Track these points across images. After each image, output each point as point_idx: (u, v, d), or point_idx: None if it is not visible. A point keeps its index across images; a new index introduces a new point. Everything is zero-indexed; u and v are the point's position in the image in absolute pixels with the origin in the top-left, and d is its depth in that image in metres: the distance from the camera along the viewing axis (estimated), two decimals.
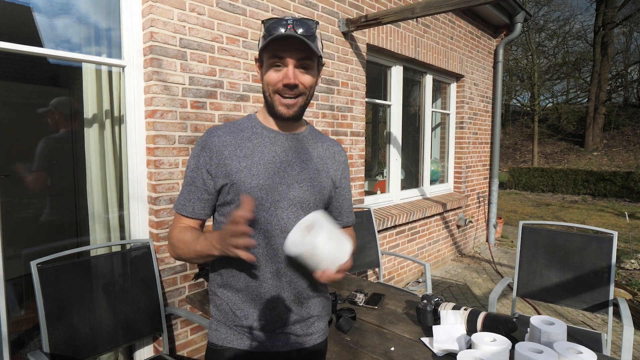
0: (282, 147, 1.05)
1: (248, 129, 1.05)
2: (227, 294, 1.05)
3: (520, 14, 5.07)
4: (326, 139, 1.17)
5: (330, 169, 1.12)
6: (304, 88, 0.99)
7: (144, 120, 2.10)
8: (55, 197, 3.51)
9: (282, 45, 0.94)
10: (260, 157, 1.01)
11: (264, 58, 0.99)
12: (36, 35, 3.06)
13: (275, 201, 1.00)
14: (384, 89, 3.98)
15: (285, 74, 0.96)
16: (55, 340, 1.62)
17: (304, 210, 1.04)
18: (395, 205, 4.05)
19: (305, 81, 0.98)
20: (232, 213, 0.93)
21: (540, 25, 19.31)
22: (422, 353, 1.39)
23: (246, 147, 1.02)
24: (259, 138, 1.04)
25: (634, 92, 19.37)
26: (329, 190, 1.11)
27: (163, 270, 2.10)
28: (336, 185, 1.15)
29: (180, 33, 2.11)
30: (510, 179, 13.37)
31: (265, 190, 0.99)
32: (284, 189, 1.01)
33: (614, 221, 7.69)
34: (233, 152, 1.01)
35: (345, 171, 1.19)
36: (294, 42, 0.94)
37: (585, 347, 1.19)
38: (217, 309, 1.08)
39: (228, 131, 1.04)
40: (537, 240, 2.40)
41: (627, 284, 3.78)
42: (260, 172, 1.00)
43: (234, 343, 1.04)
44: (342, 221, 1.21)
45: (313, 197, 1.05)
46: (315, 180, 1.07)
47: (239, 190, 0.99)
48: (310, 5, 2.84)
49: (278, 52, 0.95)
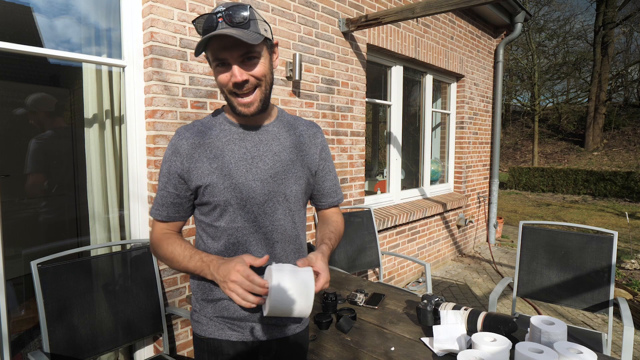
0: (252, 142, 1.03)
1: (216, 126, 1.04)
2: (207, 285, 1.05)
3: (520, 13, 5.07)
4: (300, 122, 1.14)
5: (305, 156, 1.09)
6: (256, 80, 0.95)
7: (144, 120, 2.10)
8: (56, 197, 3.51)
9: (218, 43, 0.90)
10: (231, 156, 1.00)
11: (210, 58, 0.96)
12: (36, 35, 3.06)
13: (250, 198, 1.00)
14: (384, 89, 3.98)
15: (232, 73, 0.92)
16: (56, 340, 1.62)
17: (280, 204, 1.04)
18: (396, 205, 4.05)
19: (255, 72, 0.94)
20: (211, 218, 1.00)
21: (540, 25, 19.30)
22: (422, 353, 1.39)
23: (216, 147, 1.00)
24: (227, 135, 1.02)
25: (634, 92, 19.37)
26: (306, 180, 1.09)
27: (163, 270, 2.10)
28: (314, 170, 1.12)
29: (181, 33, 2.11)
30: (510, 179, 13.36)
31: (239, 189, 0.99)
32: (257, 185, 1.00)
33: (614, 221, 7.68)
34: (203, 154, 0.99)
35: (323, 152, 1.15)
36: (228, 39, 0.89)
37: (585, 347, 1.18)
38: (196, 302, 1.09)
39: (196, 132, 1.02)
40: (537, 240, 2.40)
41: (628, 284, 3.78)
42: (232, 171, 0.99)
43: (216, 334, 1.05)
44: (326, 201, 1.20)
45: (288, 190, 1.05)
46: (290, 171, 1.05)
47: (213, 191, 0.98)
48: (310, 5, 2.84)
49: (217, 53, 0.92)
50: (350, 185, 3.31)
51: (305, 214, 1.15)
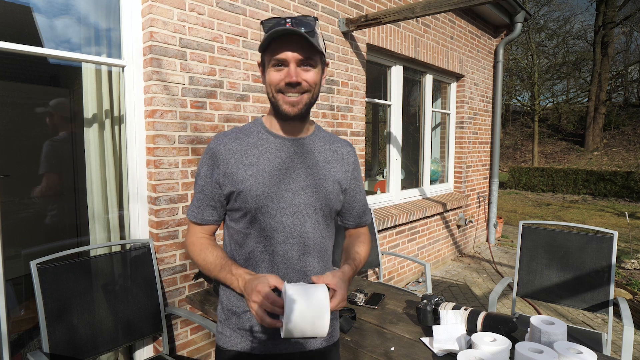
0: (287, 153, 1.04)
1: (254, 134, 1.05)
2: (231, 298, 1.06)
3: (520, 13, 5.07)
4: (335, 139, 1.16)
5: (337, 172, 1.10)
6: (308, 85, 0.97)
7: (143, 120, 2.09)
8: (56, 197, 3.51)
9: (283, 43, 0.93)
10: (266, 165, 1.01)
11: (265, 60, 0.99)
12: (36, 35, 3.06)
13: (280, 208, 1.01)
14: (384, 88, 3.98)
15: (287, 73, 0.95)
16: (55, 340, 1.62)
17: (309, 216, 1.04)
18: (396, 205, 4.05)
19: (308, 78, 0.97)
20: (241, 227, 1.02)
21: (540, 25, 19.30)
22: (422, 353, 1.39)
23: (252, 154, 1.02)
24: (264, 144, 1.04)
25: (634, 92, 19.37)
26: (336, 195, 1.09)
27: (163, 270, 2.10)
28: (344, 188, 1.13)
29: (180, 33, 2.11)
30: (510, 179, 13.37)
31: (271, 198, 1.00)
32: (289, 196, 1.01)
33: (614, 221, 7.68)
34: (239, 160, 1.01)
35: (355, 172, 1.17)
36: (294, 40, 0.93)
37: (585, 347, 1.18)
38: (222, 311, 1.10)
39: (234, 137, 1.04)
40: (537, 240, 2.40)
41: (628, 284, 3.77)
42: (266, 180, 1.00)
43: (238, 346, 1.05)
44: (353, 221, 1.21)
45: (319, 203, 1.05)
46: (321, 186, 1.06)
47: (245, 198, 1.00)
48: (310, 5, 2.84)
49: (279, 51, 0.94)
50: None
51: (333, 229, 1.15)
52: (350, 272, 1.03)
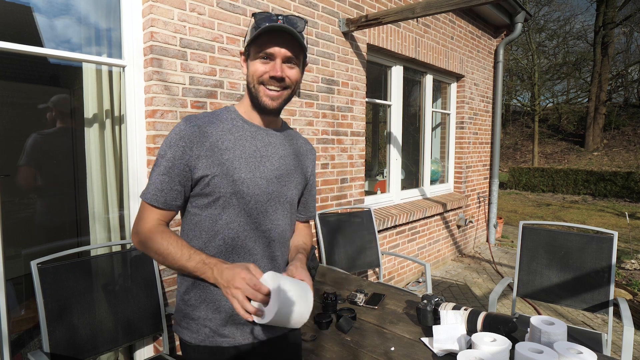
0: (262, 142, 1.06)
1: (228, 121, 1.04)
2: (204, 286, 1.01)
3: (520, 14, 5.07)
4: (299, 136, 1.22)
5: (303, 166, 1.17)
6: (290, 82, 1.01)
7: (144, 120, 2.10)
8: (56, 196, 3.51)
9: (273, 38, 0.96)
10: (242, 151, 1.01)
11: (252, 51, 1.00)
12: (36, 35, 3.06)
13: (255, 195, 1.02)
14: (384, 89, 3.98)
15: (272, 67, 0.97)
16: (56, 340, 1.62)
17: (281, 204, 1.07)
18: (396, 205, 4.05)
19: (291, 75, 1.00)
20: (209, 209, 1.00)
21: (540, 25, 19.30)
22: (422, 353, 1.39)
23: (227, 139, 1.01)
24: (240, 131, 1.04)
25: (634, 92, 19.38)
26: (302, 187, 1.16)
27: (163, 270, 2.11)
28: (308, 181, 1.21)
29: (181, 33, 2.11)
30: (510, 179, 13.37)
31: (247, 184, 1.00)
32: (263, 184, 1.03)
33: (614, 221, 7.68)
34: (215, 144, 0.99)
35: (314, 168, 1.25)
36: (284, 37, 0.96)
37: (585, 347, 1.18)
38: (185, 303, 1.04)
39: (207, 122, 1.01)
40: (537, 240, 2.40)
41: (628, 284, 3.78)
42: (242, 166, 1.00)
43: (207, 341, 1.01)
44: (305, 215, 1.26)
45: (290, 193, 1.10)
46: (292, 176, 1.11)
47: (220, 182, 0.97)
48: (311, 5, 2.84)
49: (268, 45, 0.96)
50: (350, 185, 3.31)
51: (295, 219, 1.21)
52: (305, 261, 1.10)
